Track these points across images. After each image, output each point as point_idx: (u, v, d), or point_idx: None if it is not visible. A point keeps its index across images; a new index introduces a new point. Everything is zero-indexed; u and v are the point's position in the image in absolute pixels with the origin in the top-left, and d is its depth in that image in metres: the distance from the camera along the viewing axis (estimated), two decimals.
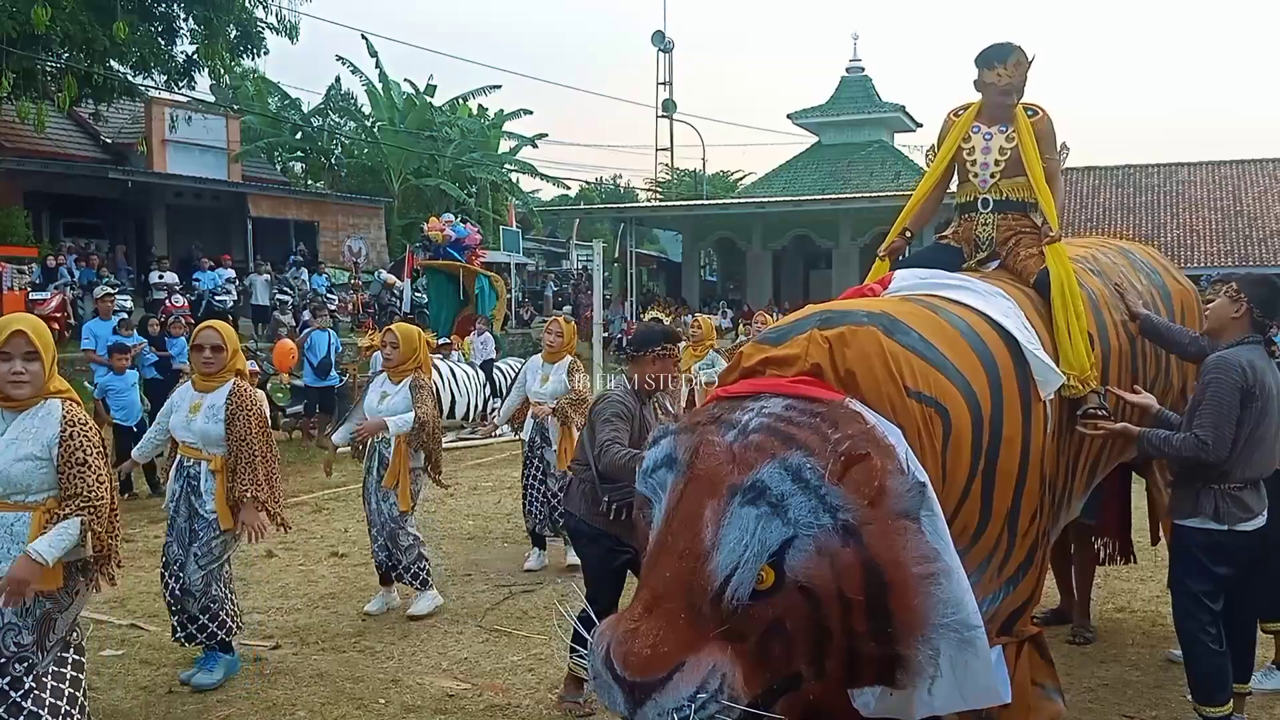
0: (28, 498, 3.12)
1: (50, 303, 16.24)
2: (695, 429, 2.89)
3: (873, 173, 32.20)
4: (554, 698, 4.45)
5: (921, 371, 3.09)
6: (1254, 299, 3.83)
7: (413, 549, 5.61)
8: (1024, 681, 3.40)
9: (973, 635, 2.76)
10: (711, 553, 2.62)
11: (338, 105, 32.92)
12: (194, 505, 4.52)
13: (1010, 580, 3.41)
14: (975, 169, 4.15)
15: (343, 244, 26.96)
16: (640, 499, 3.02)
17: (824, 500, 2.61)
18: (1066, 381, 3.71)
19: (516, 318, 25.18)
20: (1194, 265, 28.58)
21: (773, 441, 2.72)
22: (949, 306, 3.56)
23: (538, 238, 39.73)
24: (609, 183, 50.53)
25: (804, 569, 2.59)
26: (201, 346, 4.55)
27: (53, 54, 17.14)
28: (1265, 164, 31.74)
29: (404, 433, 5.49)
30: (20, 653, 3.09)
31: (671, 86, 41.02)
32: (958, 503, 3.07)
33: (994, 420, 3.25)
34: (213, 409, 4.49)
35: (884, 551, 2.61)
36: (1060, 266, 3.88)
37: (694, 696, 2.49)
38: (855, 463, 2.63)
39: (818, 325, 3.09)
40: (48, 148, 22.53)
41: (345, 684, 4.63)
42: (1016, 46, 4.04)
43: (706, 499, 2.70)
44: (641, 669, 2.52)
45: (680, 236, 33.95)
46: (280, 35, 19.20)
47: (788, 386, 2.94)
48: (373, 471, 5.67)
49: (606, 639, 2.63)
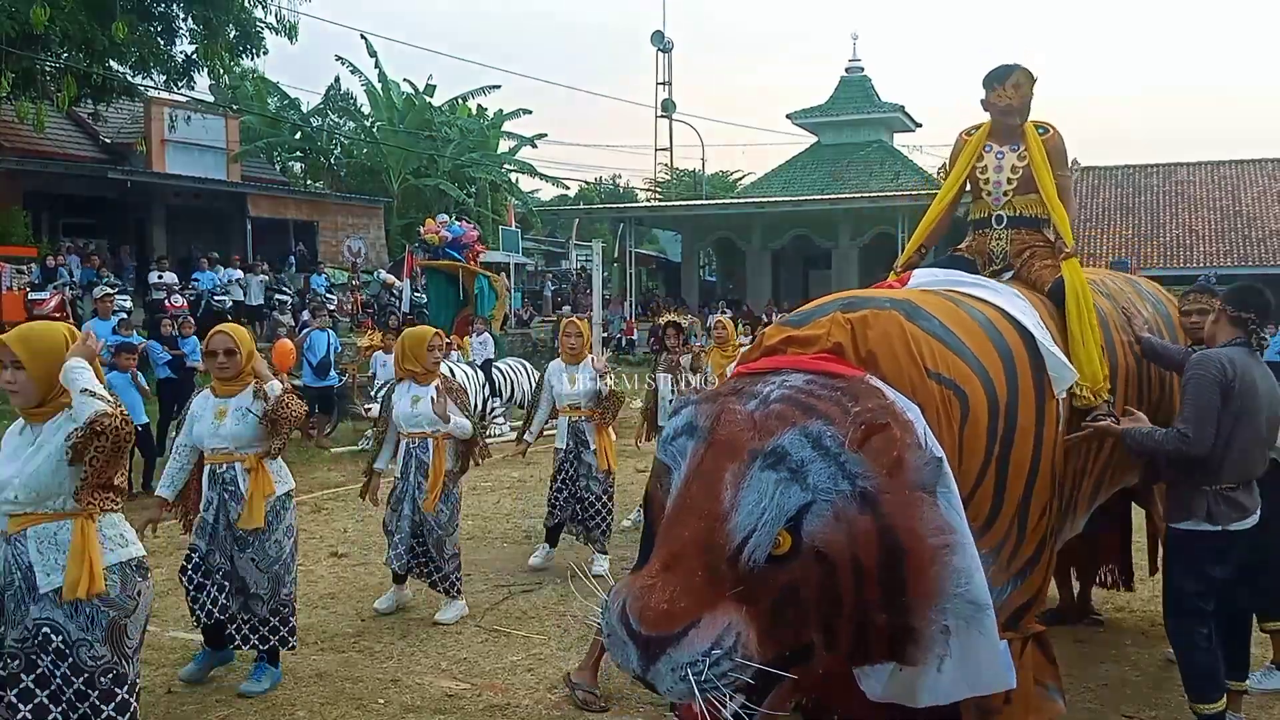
0: (65, 505, 3.05)
1: (50, 303, 16.21)
2: (717, 399, 2.93)
3: (872, 173, 32.19)
4: (554, 698, 4.45)
5: (941, 355, 3.14)
6: (1227, 299, 3.91)
7: (455, 557, 5.59)
8: (1028, 679, 3.40)
9: (982, 614, 2.77)
10: (730, 514, 2.64)
11: (337, 105, 32.91)
12: (233, 511, 4.46)
13: (1019, 574, 3.43)
14: (988, 187, 4.28)
15: (342, 244, 26.95)
16: (658, 467, 3.04)
17: (843, 467, 2.64)
18: (1079, 391, 3.76)
19: (516, 318, 25.16)
20: (1193, 265, 28.60)
21: (794, 410, 2.76)
22: (968, 300, 3.64)
23: (537, 238, 39.71)
24: (608, 183, 50.54)
25: (821, 534, 2.62)
26: (214, 352, 4.52)
27: (52, 54, 17.14)
28: (1265, 164, 31.77)
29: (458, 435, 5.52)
30: (101, 664, 3.03)
31: (671, 86, 41.07)
32: (972, 487, 3.09)
33: (1009, 409, 3.29)
34: (239, 410, 4.46)
35: (901, 520, 2.63)
36: (1075, 277, 3.95)
37: (708, 652, 2.50)
38: (875, 432, 2.67)
39: (841, 309, 3.17)
40: (47, 148, 22.51)
41: (344, 684, 4.63)
42: (1017, 67, 4.15)
43: (727, 463, 2.73)
44: (657, 624, 2.53)
45: (679, 236, 33.94)
46: (279, 35, 19.21)
47: (809, 363, 2.99)
48: (409, 476, 5.53)
49: (622, 595, 2.64)
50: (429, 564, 5.55)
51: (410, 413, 5.52)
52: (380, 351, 12.68)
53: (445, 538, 5.51)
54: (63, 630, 3.01)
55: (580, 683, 4.40)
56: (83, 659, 3.02)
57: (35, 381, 3.10)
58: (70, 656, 3.01)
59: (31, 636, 3.01)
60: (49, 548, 3.03)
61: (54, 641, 3.00)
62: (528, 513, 8.15)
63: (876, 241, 26.91)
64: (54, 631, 3.01)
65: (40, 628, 3.00)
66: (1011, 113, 4.19)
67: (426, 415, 5.46)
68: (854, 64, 34.64)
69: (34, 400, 3.12)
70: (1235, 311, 3.87)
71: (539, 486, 9.14)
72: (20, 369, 3.10)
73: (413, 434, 5.54)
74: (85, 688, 3.01)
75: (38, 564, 3.02)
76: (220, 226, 24.71)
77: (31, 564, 3.02)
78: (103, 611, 3.04)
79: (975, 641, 2.80)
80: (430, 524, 5.48)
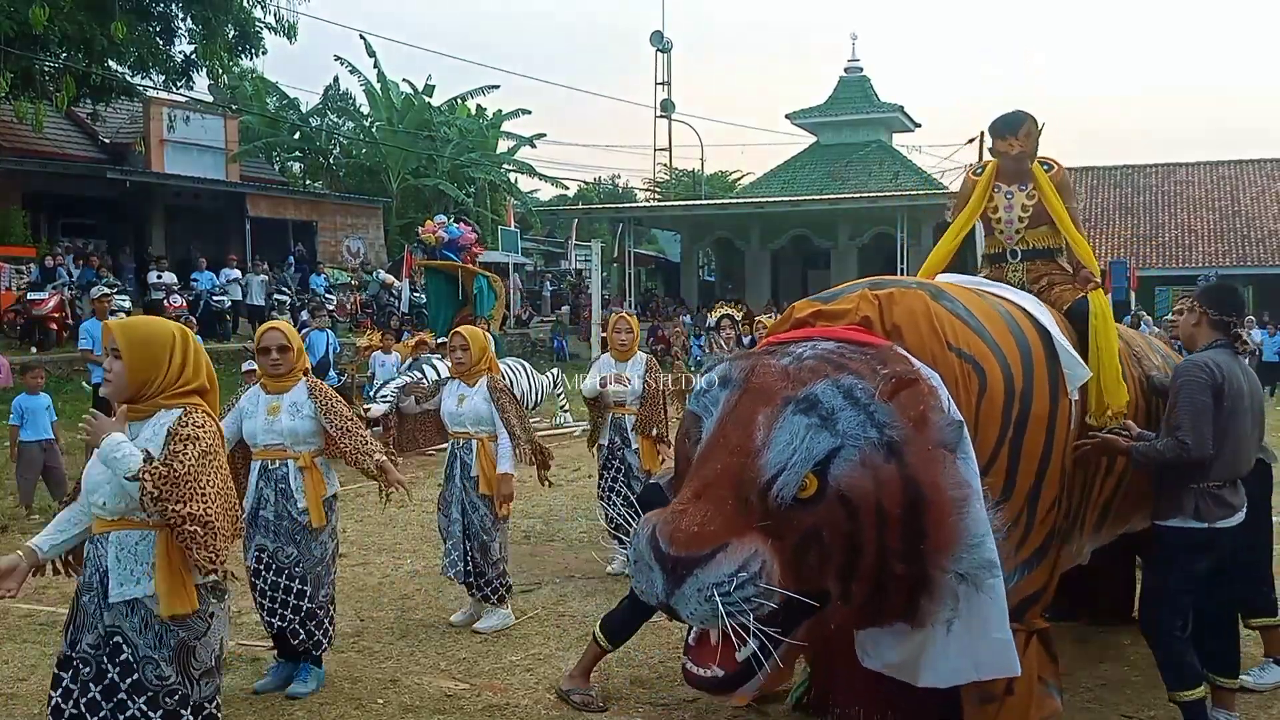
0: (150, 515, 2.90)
1: (48, 303, 16.22)
2: (751, 356, 3.09)
3: (871, 173, 32.20)
4: (552, 698, 4.45)
5: (962, 332, 3.29)
6: (1206, 303, 3.98)
7: (500, 563, 5.40)
8: (1030, 674, 3.43)
9: (992, 574, 2.85)
10: (762, 451, 2.76)
11: (336, 105, 32.91)
12: (284, 508, 4.41)
13: (1026, 563, 3.48)
14: (1000, 225, 4.48)
15: (341, 244, 26.94)
16: (687, 419, 3.15)
17: (872, 416, 2.76)
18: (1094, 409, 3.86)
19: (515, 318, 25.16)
20: (1192, 265, 28.63)
21: (826, 366, 2.91)
22: (990, 295, 3.84)
23: (536, 238, 39.70)
24: (607, 183, 50.53)
25: (847, 479, 2.73)
26: (268, 349, 4.47)
27: (51, 54, 17.14)
28: (1263, 164, 31.81)
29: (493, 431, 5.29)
30: (166, 685, 2.90)
31: (670, 86, 41.14)
32: (986, 464, 3.15)
33: (1024, 396, 3.40)
34: (294, 405, 4.42)
35: (923, 472, 2.75)
36: (1099, 302, 4.07)
37: (735, 574, 2.59)
38: (904, 386, 2.81)
39: (869, 287, 3.37)
40: (46, 148, 22.50)
41: (343, 684, 4.62)
42: (1027, 117, 4.35)
43: (761, 407, 2.85)
44: (687, 544, 2.63)
45: (679, 236, 33.93)
46: (278, 35, 19.20)
47: (839, 332, 3.15)
48: (455, 479, 5.38)
49: (652, 522, 2.74)
50: (472, 568, 5.38)
51: (455, 412, 5.39)
52: (379, 352, 12.68)
53: (490, 542, 5.34)
54: (132, 643, 2.89)
55: (573, 689, 4.39)
56: (148, 677, 2.88)
57: (129, 373, 2.96)
58: (135, 672, 2.88)
59: (104, 642, 2.91)
60: (127, 557, 2.90)
61: (123, 653, 2.90)
62: (527, 513, 8.14)
63: (875, 241, 26.91)
64: (124, 643, 2.90)
65: (112, 636, 2.90)
66: (1022, 159, 4.37)
67: (470, 415, 5.33)
68: (853, 64, 34.67)
69: (125, 394, 2.98)
70: (1217, 315, 3.94)
71: (537, 487, 9.10)
72: (118, 358, 2.96)
73: (456, 434, 5.41)
74: (147, 708, 2.88)
75: (113, 571, 2.91)
76: (219, 227, 24.70)
77: (108, 570, 2.92)
78: (172, 631, 2.91)
79: (985, 607, 2.87)
80: (475, 528, 5.33)
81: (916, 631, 2.95)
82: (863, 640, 3.18)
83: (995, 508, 3.07)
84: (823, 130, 34.40)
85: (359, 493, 9.14)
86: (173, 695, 2.91)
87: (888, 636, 3.06)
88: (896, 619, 2.94)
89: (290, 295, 20.29)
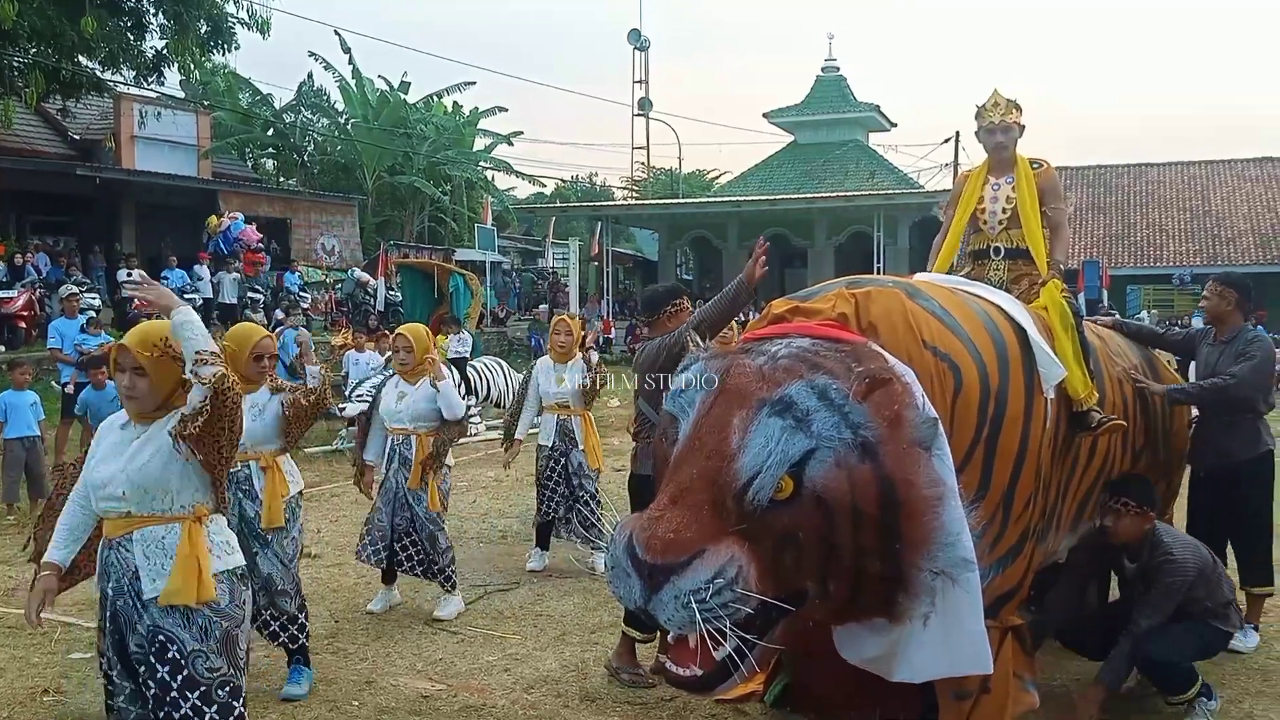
0: (172, 507, 2.89)
1: (17, 301, 15.98)
2: (726, 356, 3.08)
3: (848, 172, 32.32)
4: (530, 698, 4.43)
5: (938, 331, 3.31)
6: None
7: (448, 551, 5.53)
8: (1005, 671, 3.46)
9: (967, 570, 2.88)
10: (737, 454, 2.77)
11: (310, 101, 32.59)
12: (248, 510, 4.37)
13: (1001, 560, 3.50)
14: (985, 218, 4.54)
15: (315, 242, 26.70)
16: (665, 419, 3.16)
17: (847, 417, 2.77)
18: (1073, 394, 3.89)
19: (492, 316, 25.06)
20: (1163, 264, 28.97)
21: (801, 365, 2.91)
22: (967, 294, 3.87)
23: (513, 236, 39.58)
24: (585, 181, 50.45)
25: (822, 480, 2.73)
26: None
27: (20, 49, 16.85)
28: (1234, 164, 32.22)
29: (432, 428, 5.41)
30: (217, 677, 2.88)
31: (647, 85, 41.11)
32: (961, 462, 3.16)
33: (1000, 395, 3.42)
34: (255, 408, 4.34)
35: (899, 471, 2.76)
36: (1052, 297, 4.12)
37: (711, 580, 2.59)
38: (878, 386, 2.81)
39: (846, 286, 3.41)
40: (15, 144, 22.15)
41: (318, 685, 4.57)
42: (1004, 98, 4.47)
43: (736, 409, 2.85)
44: (664, 551, 2.63)
45: (656, 235, 33.92)
46: (251, 30, 18.94)
47: (815, 329, 3.16)
48: (393, 475, 5.49)
49: (629, 528, 2.74)
50: (424, 559, 5.50)
51: (394, 409, 5.49)
52: (353, 350, 12.59)
53: (436, 531, 5.45)
54: (178, 640, 2.85)
55: (623, 667, 4.49)
56: (199, 671, 2.85)
57: (155, 390, 2.91)
58: (185, 668, 2.84)
59: (149, 642, 2.87)
60: (155, 552, 2.87)
61: (170, 651, 2.85)
62: (504, 513, 8.11)
63: (852, 241, 27.04)
64: (169, 640, 2.85)
65: (156, 635, 2.86)
66: (995, 131, 4.44)
67: (409, 412, 5.44)
68: (830, 64, 34.77)
69: (151, 407, 2.93)
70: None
71: (515, 486, 9.11)
72: (142, 375, 2.89)
73: (395, 430, 5.51)
74: (201, 703, 2.83)
75: (144, 569, 2.87)
76: (191, 224, 24.37)
77: (138, 569, 2.87)
78: (215, 622, 2.89)
79: (959, 601, 2.90)
80: (421, 519, 5.43)
81: (894, 627, 2.97)
82: (841, 635, 3.20)
83: (971, 506, 3.09)
84: (800, 129, 34.49)
85: (334, 493, 9.08)
86: (225, 687, 2.90)
87: (866, 631, 3.08)
88: (874, 615, 2.96)
89: (264, 293, 20.09)
